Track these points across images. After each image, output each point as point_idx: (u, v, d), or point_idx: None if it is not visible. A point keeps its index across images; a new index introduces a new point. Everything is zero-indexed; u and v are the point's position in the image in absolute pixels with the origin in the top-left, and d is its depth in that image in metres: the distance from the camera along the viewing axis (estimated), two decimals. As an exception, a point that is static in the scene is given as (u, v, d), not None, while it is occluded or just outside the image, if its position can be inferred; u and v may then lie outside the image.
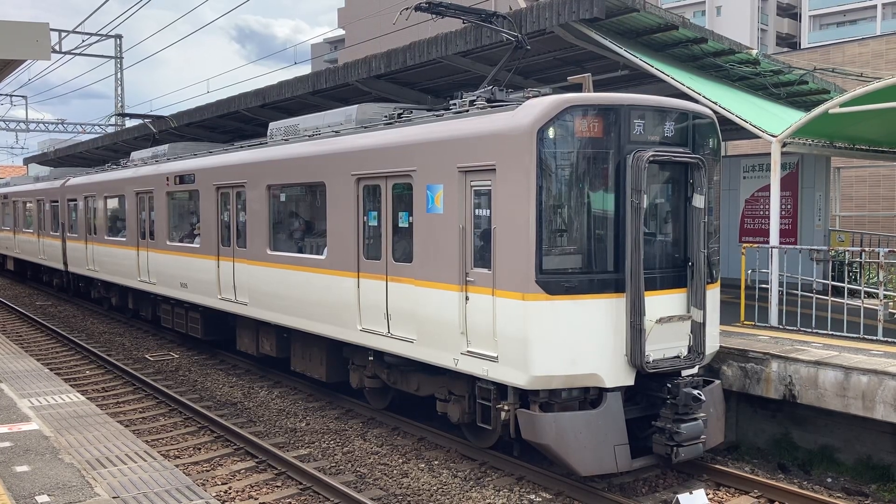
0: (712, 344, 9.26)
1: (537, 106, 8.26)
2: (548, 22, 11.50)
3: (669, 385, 8.43)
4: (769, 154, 12.37)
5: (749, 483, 8.88)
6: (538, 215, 8.09)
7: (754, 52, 13.79)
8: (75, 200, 23.04)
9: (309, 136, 12.33)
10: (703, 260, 8.80)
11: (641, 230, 8.25)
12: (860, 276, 14.45)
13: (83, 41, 38.35)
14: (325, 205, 11.41)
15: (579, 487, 8.72)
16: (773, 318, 11.65)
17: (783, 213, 15.19)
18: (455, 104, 9.88)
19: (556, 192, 8.27)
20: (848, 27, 64.54)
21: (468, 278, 8.91)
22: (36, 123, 44.69)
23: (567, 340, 8.19)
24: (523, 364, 8.20)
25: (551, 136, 8.12)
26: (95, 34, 39.17)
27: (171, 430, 11.52)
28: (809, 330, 11.06)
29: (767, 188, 14.18)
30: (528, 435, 8.37)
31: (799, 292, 11.43)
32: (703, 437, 8.54)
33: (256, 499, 8.74)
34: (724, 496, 8.75)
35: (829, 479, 9.34)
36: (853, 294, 12.60)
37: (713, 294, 9.29)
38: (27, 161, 46.62)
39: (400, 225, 10.05)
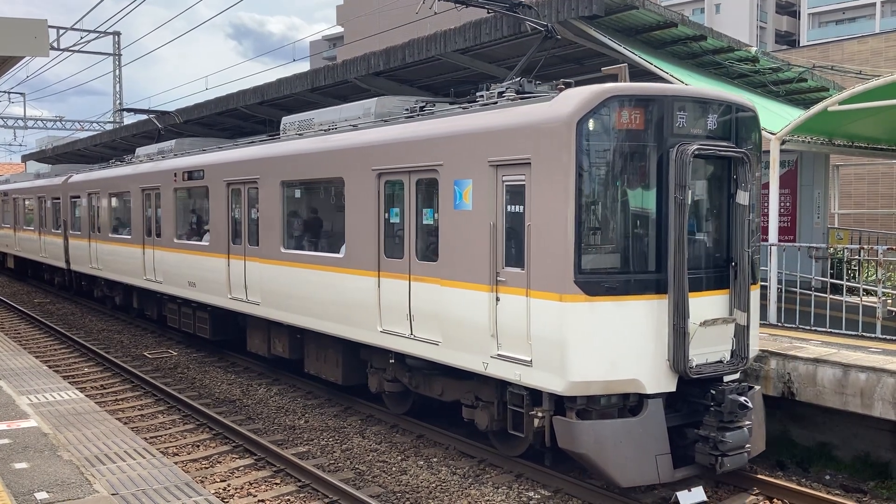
0: (753, 348, 8.83)
1: (576, 96, 7.84)
2: (547, 19, 11.49)
3: (714, 391, 8.05)
4: (768, 151, 12.35)
5: (747, 480, 8.88)
6: (577, 212, 7.66)
7: (753, 49, 13.80)
8: (78, 197, 22.79)
9: (325, 131, 11.97)
10: (747, 259, 8.41)
11: (686, 228, 7.87)
12: (859, 274, 14.45)
13: (81, 38, 38.28)
14: (342, 201, 10.99)
15: (577, 485, 8.72)
16: (772, 316, 11.65)
17: (782, 210, 15.19)
18: (482, 96, 9.50)
19: (596, 188, 7.88)
20: (847, 25, 64.55)
21: (499, 278, 8.50)
22: (34, 120, 44.59)
23: (607, 344, 7.78)
24: (560, 369, 7.80)
25: (591, 128, 7.71)
26: (94, 31, 39.13)
27: (169, 428, 11.52)
28: (808, 327, 11.06)
29: (766, 186, 14.17)
30: (565, 444, 7.99)
31: (798, 290, 11.43)
32: (748, 445, 8.18)
33: (255, 496, 8.74)
34: (723, 494, 8.75)
35: (828, 477, 9.35)
36: (852, 291, 12.61)
37: (754, 296, 8.79)
38: (25, 158, 46.60)
39: (424, 222, 9.66)
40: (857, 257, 13.70)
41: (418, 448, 10.34)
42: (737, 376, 8.54)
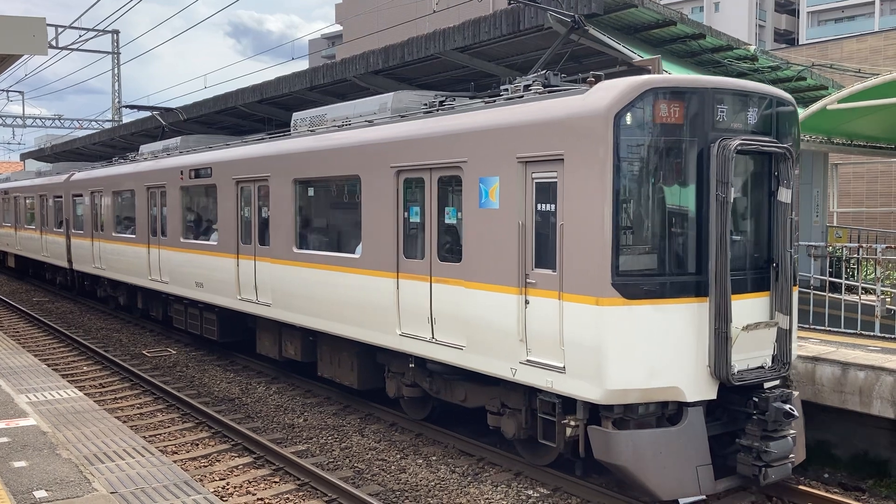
0: (794, 352, 8.51)
1: (613, 88, 7.49)
2: (546, 17, 11.48)
3: (756, 399, 7.74)
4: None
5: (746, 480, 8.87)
6: (615, 210, 7.30)
7: (752, 48, 13.79)
8: (81, 196, 22.53)
9: (338, 127, 11.65)
10: (789, 260, 8.09)
11: (728, 227, 7.52)
12: (857, 273, 14.45)
13: (80, 36, 38.29)
14: (359, 199, 10.63)
15: (576, 483, 8.72)
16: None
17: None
18: (506, 90, 9.18)
19: (634, 185, 7.54)
20: (846, 23, 64.57)
21: (528, 280, 8.14)
22: (33, 119, 44.58)
23: (645, 350, 7.43)
24: (597, 376, 7.43)
25: (629, 122, 7.35)
26: (92, 29, 39.13)
27: (168, 426, 11.52)
28: (807, 326, 11.06)
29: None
30: (601, 455, 7.68)
31: (796, 288, 11.43)
32: (791, 455, 7.89)
33: (254, 494, 8.74)
34: (721, 493, 8.73)
35: (826, 475, 9.36)
36: (850, 290, 12.62)
37: (794, 298, 8.47)
38: (24, 157, 46.56)
39: (447, 221, 9.31)
40: (855, 256, 13.71)
41: (417, 446, 10.34)
42: (776, 382, 8.24)
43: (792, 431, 7.90)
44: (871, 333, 10.48)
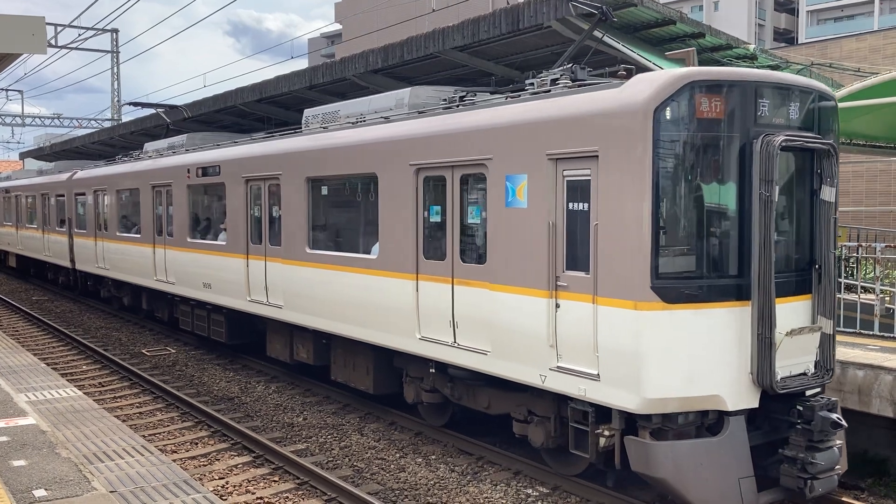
0: (836, 359, 8.23)
1: (653, 81, 7.18)
2: (545, 17, 11.48)
3: (801, 408, 7.41)
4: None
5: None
6: (654, 210, 7.00)
7: (752, 47, 13.81)
8: (84, 194, 22.34)
9: (352, 124, 11.36)
10: (832, 262, 7.80)
11: (772, 228, 7.18)
12: (857, 272, 14.46)
13: (79, 35, 38.27)
14: (375, 198, 10.34)
15: (576, 482, 8.72)
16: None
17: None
18: (532, 84, 8.89)
19: (674, 183, 7.22)
20: (845, 22, 64.57)
21: (559, 282, 7.81)
22: (32, 118, 44.59)
23: (686, 356, 7.11)
24: (635, 384, 7.12)
25: (669, 117, 7.07)
26: (91, 28, 39.16)
27: (168, 425, 11.52)
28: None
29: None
30: (639, 466, 7.34)
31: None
32: (837, 466, 7.52)
33: (254, 493, 8.75)
34: None
35: (825, 474, 9.35)
36: (850, 289, 12.62)
37: (836, 301, 8.22)
38: (23, 156, 46.57)
39: (470, 221, 9.01)
40: (855, 255, 13.71)
41: (416, 445, 10.35)
42: (818, 390, 7.93)
43: (838, 442, 7.62)
44: (871, 332, 10.48)
